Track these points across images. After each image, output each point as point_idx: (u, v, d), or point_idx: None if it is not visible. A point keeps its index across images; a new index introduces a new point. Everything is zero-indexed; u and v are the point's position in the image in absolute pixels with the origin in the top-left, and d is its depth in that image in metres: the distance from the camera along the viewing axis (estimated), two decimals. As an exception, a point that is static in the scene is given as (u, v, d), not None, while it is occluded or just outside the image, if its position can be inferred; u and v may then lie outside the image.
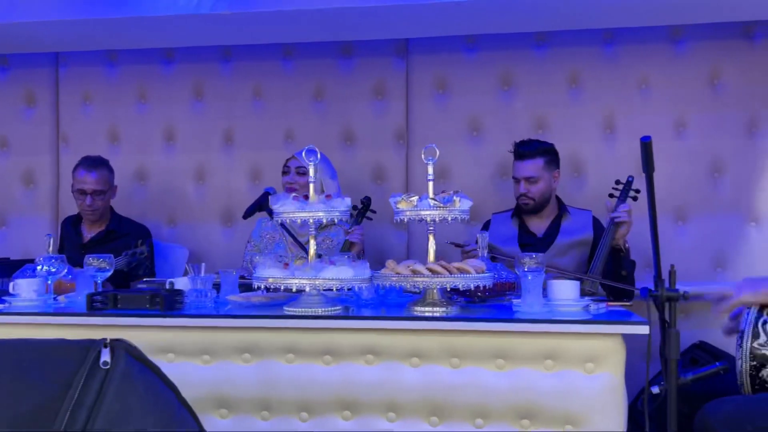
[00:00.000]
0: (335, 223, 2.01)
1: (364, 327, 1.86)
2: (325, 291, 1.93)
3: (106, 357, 1.07)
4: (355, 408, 1.86)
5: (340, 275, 1.86)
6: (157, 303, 1.93)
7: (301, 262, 1.94)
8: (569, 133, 3.22)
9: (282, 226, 2.52)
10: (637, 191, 2.70)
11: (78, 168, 3.02)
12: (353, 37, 3.33)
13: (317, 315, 1.88)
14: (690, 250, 3.14)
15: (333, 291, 1.92)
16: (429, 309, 1.90)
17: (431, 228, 1.96)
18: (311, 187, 1.99)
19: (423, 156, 1.97)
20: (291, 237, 2.65)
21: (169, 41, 3.38)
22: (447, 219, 1.90)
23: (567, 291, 1.94)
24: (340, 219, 1.96)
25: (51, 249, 2.27)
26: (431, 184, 1.96)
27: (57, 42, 3.34)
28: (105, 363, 1.07)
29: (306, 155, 2.00)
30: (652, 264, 1.64)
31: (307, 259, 1.96)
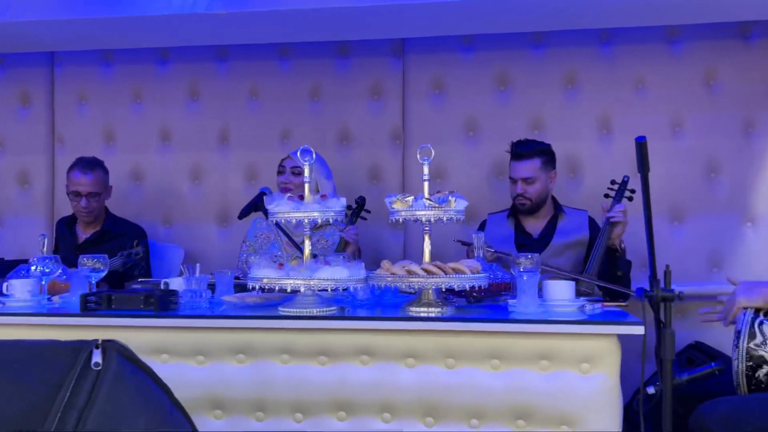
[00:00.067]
0: (330, 223, 2.00)
1: (359, 327, 1.86)
2: (320, 291, 1.92)
3: (97, 358, 1.06)
4: (350, 408, 1.86)
5: (335, 275, 1.86)
6: (151, 303, 1.92)
7: (296, 262, 1.93)
8: (566, 133, 3.22)
9: (277, 225, 2.51)
10: (633, 191, 2.70)
11: (73, 169, 3.00)
12: (350, 37, 3.32)
13: (312, 315, 1.88)
14: (686, 250, 3.14)
15: (328, 291, 1.91)
16: (424, 309, 1.90)
17: (427, 228, 1.96)
18: (306, 187, 1.99)
19: (418, 156, 1.97)
20: (286, 237, 2.64)
21: (165, 41, 3.37)
22: (442, 219, 1.90)
23: (562, 291, 1.94)
24: (335, 219, 1.96)
25: (45, 249, 2.26)
26: (427, 184, 1.96)
27: (52, 41, 3.33)
28: (96, 364, 1.06)
29: (301, 155, 1.99)
30: (647, 264, 1.64)
31: (302, 260, 1.95)
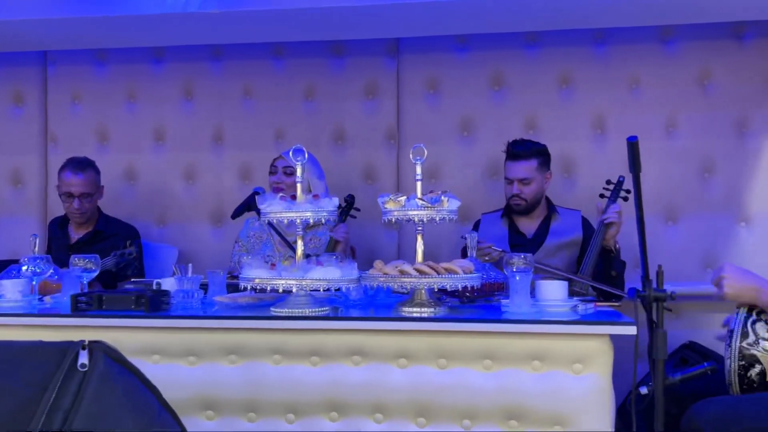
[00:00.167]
0: (323, 223, 2.00)
1: (351, 328, 1.85)
2: (313, 291, 1.91)
3: (84, 359, 1.06)
4: (342, 409, 1.85)
5: (327, 276, 1.85)
6: (143, 304, 1.92)
7: (289, 262, 1.92)
8: (560, 133, 3.22)
9: (270, 225, 2.50)
10: (628, 191, 2.70)
11: (64, 170, 2.98)
12: (344, 37, 3.32)
13: (304, 316, 1.87)
14: (680, 250, 3.14)
15: (320, 291, 1.91)
16: (417, 309, 1.89)
17: (420, 228, 1.95)
18: (299, 187, 1.98)
19: (411, 156, 1.96)
20: (279, 237, 2.63)
21: (159, 40, 3.36)
22: (435, 219, 1.89)
23: (555, 291, 1.94)
24: (327, 219, 1.95)
25: (36, 249, 2.25)
26: (419, 184, 1.96)
27: (45, 40, 3.31)
28: (83, 365, 1.05)
29: (293, 155, 1.99)
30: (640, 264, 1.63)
31: (295, 260, 1.94)
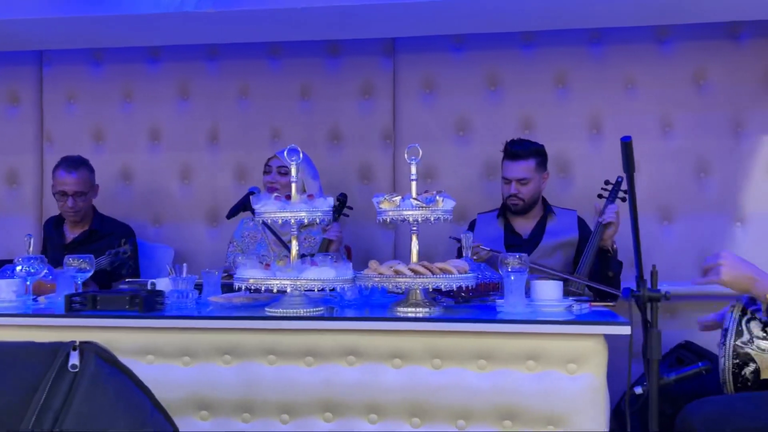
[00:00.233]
0: (318, 223, 1.99)
1: (345, 328, 1.85)
2: (307, 292, 1.91)
3: (74, 360, 1.05)
4: (337, 409, 1.85)
5: (321, 276, 1.85)
6: (137, 304, 1.91)
7: (283, 262, 1.92)
8: (556, 133, 3.22)
9: (264, 224, 2.49)
10: (627, 192, 2.69)
11: (58, 169, 2.98)
12: (340, 36, 3.31)
13: (299, 316, 1.87)
14: (675, 250, 3.15)
15: (315, 291, 1.90)
16: (412, 310, 1.89)
17: (414, 228, 1.95)
18: (293, 187, 1.98)
19: (406, 156, 1.96)
20: (274, 236, 2.62)
21: (154, 40, 3.35)
22: (430, 219, 1.89)
23: (550, 291, 1.94)
24: (322, 219, 1.95)
25: (31, 249, 2.24)
26: (414, 183, 1.95)
27: (41, 40, 3.31)
28: (73, 366, 1.05)
29: (288, 155, 1.98)
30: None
31: (289, 260, 1.94)
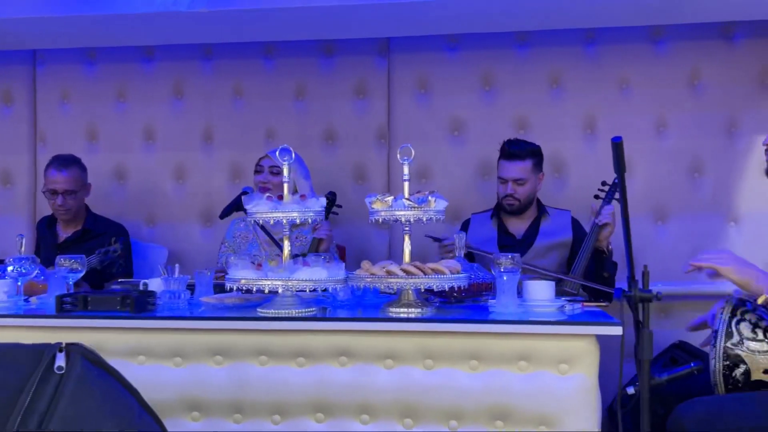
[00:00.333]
0: (309, 222, 1.99)
1: (337, 328, 1.85)
2: (299, 292, 1.91)
3: (60, 362, 1.05)
4: (329, 410, 1.85)
5: (313, 276, 1.84)
6: (128, 305, 1.91)
7: (275, 263, 1.92)
8: (550, 133, 3.21)
9: (256, 223, 2.48)
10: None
11: (49, 168, 2.97)
12: (335, 36, 3.31)
13: (291, 316, 1.86)
14: (669, 250, 3.14)
15: (307, 292, 1.90)
16: (404, 310, 1.89)
17: (407, 228, 1.95)
18: (285, 187, 1.97)
19: (399, 156, 1.95)
20: (267, 236, 2.61)
21: (148, 39, 3.34)
22: (422, 219, 1.89)
23: (542, 291, 1.93)
24: (314, 219, 1.94)
25: (23, 249, 2.23)
26: (407, 184, 1.95)
27: (34, 39, 3.29)
28: (59, 368, 1.04)
29: (280, 155, 1.97)
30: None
31: (281, 260, 1.93)
